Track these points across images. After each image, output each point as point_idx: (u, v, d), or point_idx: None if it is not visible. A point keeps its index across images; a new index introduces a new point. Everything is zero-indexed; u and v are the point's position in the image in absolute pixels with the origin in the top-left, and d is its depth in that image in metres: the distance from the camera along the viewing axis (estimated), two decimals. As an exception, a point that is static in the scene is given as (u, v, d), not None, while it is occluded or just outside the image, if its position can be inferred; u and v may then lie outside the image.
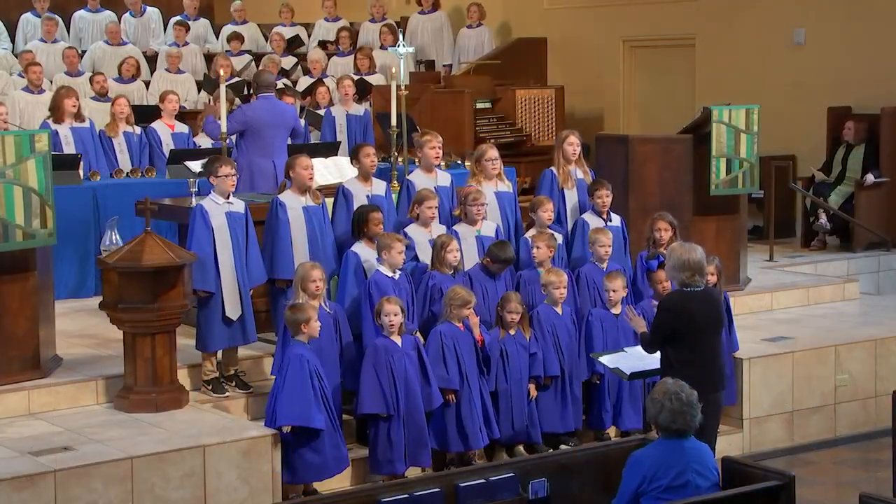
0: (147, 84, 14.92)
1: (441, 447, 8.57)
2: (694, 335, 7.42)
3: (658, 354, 8.43)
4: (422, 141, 9.79)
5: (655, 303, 8.75)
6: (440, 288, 8.85)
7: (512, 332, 8.81)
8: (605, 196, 9.86)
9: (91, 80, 13.88)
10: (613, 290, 9.12)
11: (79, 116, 12.19)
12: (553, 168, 10.21)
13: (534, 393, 8.89)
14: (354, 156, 9.60)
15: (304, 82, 15.34)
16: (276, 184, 10.55)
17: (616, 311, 9.15)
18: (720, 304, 7.72)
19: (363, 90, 14.43)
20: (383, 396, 8.21)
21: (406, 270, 8.88)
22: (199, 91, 15.15)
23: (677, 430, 6.11)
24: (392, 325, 8.23)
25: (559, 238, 9.62)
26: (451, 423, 8.51)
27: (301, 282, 8.30)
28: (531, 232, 9.62)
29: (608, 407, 9.17)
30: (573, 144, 10.14)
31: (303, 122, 13.26)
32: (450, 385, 8.49)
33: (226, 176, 8.74)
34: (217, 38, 16.66)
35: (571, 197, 10.15)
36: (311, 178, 9.18)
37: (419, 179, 9.70)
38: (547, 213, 9.60)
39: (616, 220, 9.99)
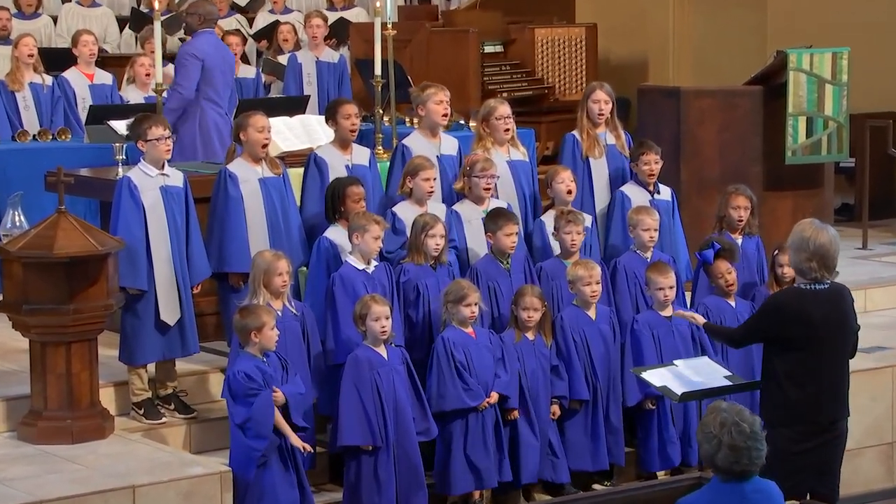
0: (55, 20, 14.93)
1: (441, 488, 8.60)
2: (811, 346, 7.37)
3: (719, 369, 8.48)
4: (423, 96, 9.70)
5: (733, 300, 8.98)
6: (415, 285, 8.83)
7: (530, 336, 8.84)
8: (654, 162, 9.84)
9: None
10: (668, 287, 9.10)
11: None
12: (576, 132, 10.22)
13: (556, 413, 8.91)
14: (331, 116, 9.58)
15: (260, 20, 15.37)
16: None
17: (667, 313, 9.18)
18: (849, 307, 7.58)
19: (340, 32, 14.44)
20: (368, 423, 8.23)
21: (391, 262, 8.90)
22: (122, 29, 15.16)
23: (740, 472, 6.09)
24: (384, 331, 8.25)
25: (587, 220, 9.61)
26: (457, 455, 8.52)
27: (263, 276, 8.31)
28: (551, 212, 9.62)
29: (674, 438, 9.14)
30: (599, 102, 10.07)
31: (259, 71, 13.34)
32: (476, 399, 8.48)
33: (157, 139, 8.71)
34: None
35: (600, 168, 10.11)
36: (266, 143, 9.18)
37: (418, 144, 9.66)
38: (564, 183, 9.56)
39: (665, 192, 9.98)
